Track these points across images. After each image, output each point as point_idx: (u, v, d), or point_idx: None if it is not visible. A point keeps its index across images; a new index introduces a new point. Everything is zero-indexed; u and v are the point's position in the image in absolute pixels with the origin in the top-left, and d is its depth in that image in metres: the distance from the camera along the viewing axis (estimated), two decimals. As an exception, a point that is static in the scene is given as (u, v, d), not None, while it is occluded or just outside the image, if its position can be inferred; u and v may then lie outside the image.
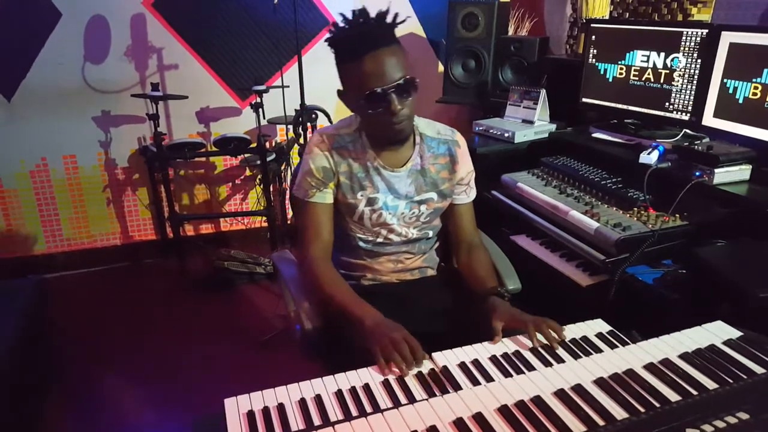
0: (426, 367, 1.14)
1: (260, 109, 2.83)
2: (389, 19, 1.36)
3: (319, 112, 2.95)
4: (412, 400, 1.03)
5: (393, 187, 1.52)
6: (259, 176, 3.20)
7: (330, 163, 1.49)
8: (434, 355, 1.18)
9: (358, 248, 1.58)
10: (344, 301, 1.38)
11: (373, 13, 1.36)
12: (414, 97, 1.39)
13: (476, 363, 1.15)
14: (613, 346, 1.19)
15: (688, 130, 2.17)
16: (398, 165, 1.53)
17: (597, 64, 2.42)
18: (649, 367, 1.07)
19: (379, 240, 1.57)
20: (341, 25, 1.38)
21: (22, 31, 2.89)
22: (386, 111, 1.35)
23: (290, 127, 2.98)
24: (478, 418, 0.95)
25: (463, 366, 1.14)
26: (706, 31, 2.01)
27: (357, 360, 1.17)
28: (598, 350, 1.18)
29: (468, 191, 1.64)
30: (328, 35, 1.39)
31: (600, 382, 1.04)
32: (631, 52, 2.27)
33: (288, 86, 2.93)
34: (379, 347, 1.17)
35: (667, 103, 2.18)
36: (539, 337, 1.22)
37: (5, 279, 2.45)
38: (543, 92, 2.63)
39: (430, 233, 1.63)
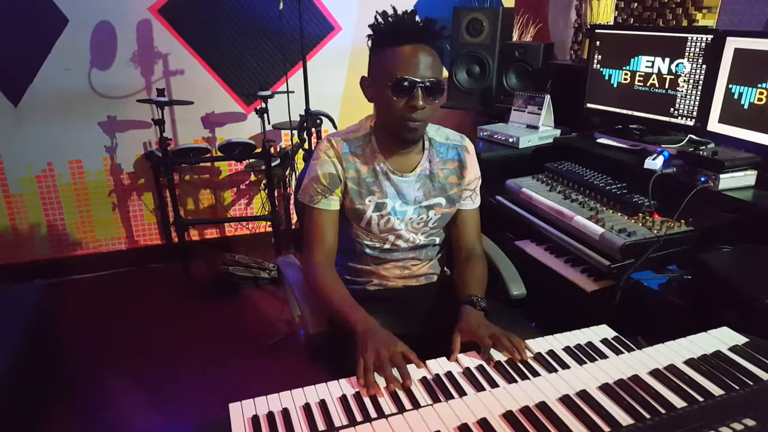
0: (420, 374, 1.13)
1: (265, 115, 2.84)
2: (437, 26, 1.39)
3: (323, 118, 2.96)
4: (416, 405, 1.03)
5: (402, 192, 1.52)
6: (263, 181, 3.21)
7: (337, 169, 1.48)
8: (438, 360, 1.18)
9: (365, 255, 1.58)
10: (341, 306, 1.37)
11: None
12: (436, 104, 1.40)
13: (481, 369, 1.15)
14: (618, 352, 1.18)
15: (693, 136, 2.17)
16: (407, 170, 1.53)
17: (602, 69, 2.42)
18: (655, 373, 1.07)
19: (387, 246, 1.56)
20: (389, 14, 1.39)
21: (28, 36, 2.92)
22: (408, 103, 1.36)
23: (295, 132, 2.98)
24: (483, 423, 0.95)
25: (467, 372, 1.14)
26: (711, 36, 2.01)
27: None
28: (603, 356, 1.17)
29: (473, 197, 1.64)
30: (373, 21, 1.40)
31: (605, 388, 1.03)
32: (636, 58, 2.27)
33: (293, 92, 2.94)
34: (363, 360, 1.14)
35: (672, 109, 2.18)
36: (498, 355, 1.19)
37: (11, 283, 2.45)
38: (547, 98, 2.63)
39: (437, 239, 1.63)
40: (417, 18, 1.38)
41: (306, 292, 1.54)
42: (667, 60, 2.16)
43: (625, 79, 2.34)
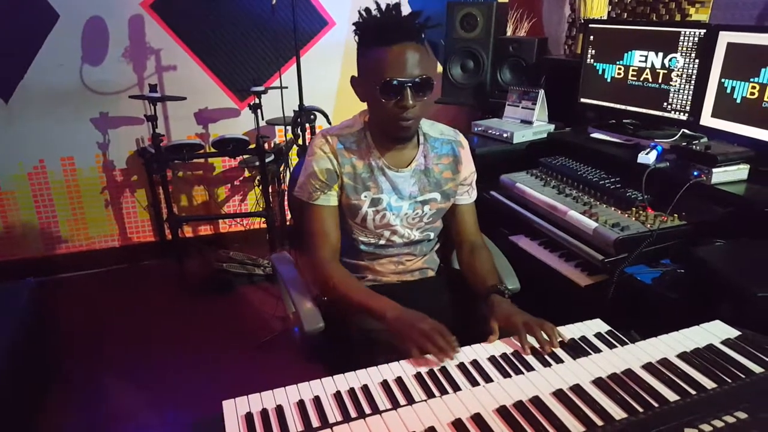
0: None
1: (259, 110, 2.83)
2: (421, 19, 1.37)
3: (317, 113, 2.95)
4: (410, 401, 1.03)
5: (397, 187, 1.52)
6: (257, 177, 3.20)
7: (333, 164, 1.48)
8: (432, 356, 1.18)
9: (360, 250, 1.58)
10: (361, 298, 1.39)
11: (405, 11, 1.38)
12: (427, 100, 1.40)
13: (475, 363, 1.15)
14: (611, 346, 1.19)
15: (686, 130, 2.17)
16: (402, 165, 1.53)
17: (595, 64, 2.42)
18: (648, 367, 1.08)
19: (381, 242, 1.57)
20: (373, 11, 1.38)
21: (19, 32, 2.89)
22: (398, 103, 1.35)
23: (289, 128, 2.97)
24: (477, 418, 0.95)
25: (461, 366, 1.14)
26: (704, 31, 2.02)
27: (355, 361, 1.17)
28: (597, 350, 1.18)
29: (470, 192, 1.65)
30: (357, 19, 1.39)
31: (598, 382, 1.04)
32: (629, 53, 2.28)
33: (286, 87, 2.93)
34: (411, 341, 1.18)
35: (665, 103, 2.18)
36: (531, 341, 1.21)
37: (3, 281, 2.44)
38: (541, 92, 2.63)
39: (432, 235, 1.63)
40: (401, 13, 1.37)
41: (310, 288, 1.54)
42: (661, 54, 2.17)
43: (619, 74, 2.34)
